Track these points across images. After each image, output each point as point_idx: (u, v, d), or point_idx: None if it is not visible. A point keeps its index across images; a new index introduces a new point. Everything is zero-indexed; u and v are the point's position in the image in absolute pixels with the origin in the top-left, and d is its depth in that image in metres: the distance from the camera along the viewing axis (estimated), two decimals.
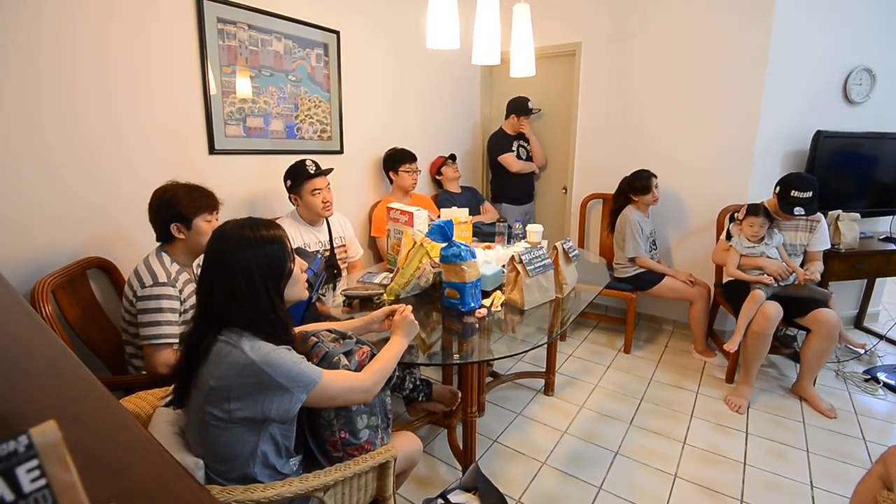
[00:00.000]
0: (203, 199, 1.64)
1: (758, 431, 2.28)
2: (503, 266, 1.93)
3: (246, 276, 1.07)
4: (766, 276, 2.48)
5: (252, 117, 2.37)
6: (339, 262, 2.30)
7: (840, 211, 2.85)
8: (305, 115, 2.60)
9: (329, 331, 1.35)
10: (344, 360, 1.21)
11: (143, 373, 1.58)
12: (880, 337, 3.23)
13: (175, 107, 2.02)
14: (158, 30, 1.93)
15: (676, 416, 2.38)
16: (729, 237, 2.64)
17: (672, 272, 2.94)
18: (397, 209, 2.14)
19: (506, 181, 3.51)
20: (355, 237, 2.46)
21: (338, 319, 1.68)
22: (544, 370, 2.52)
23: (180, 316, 1.56)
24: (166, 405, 1.16)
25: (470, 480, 1.55)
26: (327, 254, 2.26)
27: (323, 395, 1.10)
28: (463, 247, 1.71)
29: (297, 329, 1.34)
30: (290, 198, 2.24)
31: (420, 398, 2.08)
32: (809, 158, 2.86)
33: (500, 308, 1.74)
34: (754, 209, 2.50)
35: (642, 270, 2.93)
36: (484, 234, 2.69)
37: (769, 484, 1.94)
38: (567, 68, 3.50)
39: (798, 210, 2.41)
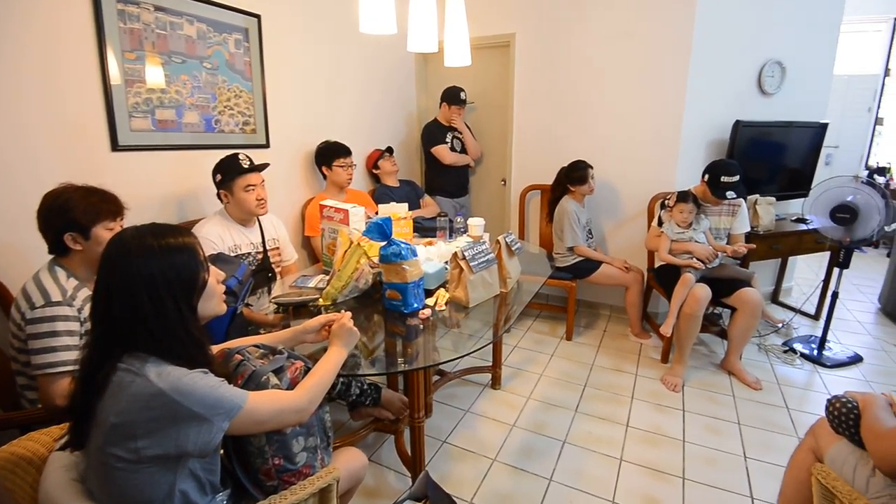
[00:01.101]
0: (103, 205, 1.43)
1: (694, 408, 2.38)
2: (446, 263, 1.86)
3: (150, 290, 0.92)
4: (695, 259, 2.59)
5: (162, 109, 2.13)
6: (272, 265, 2.13)
7: (757, 195, 3.05)
8: (225, 107, 2.39)
9: (256, 346, 1.22)
10: (274, 379, 1.09)
11: (40, 406, 1.37)
12: (795, 310, 3.51)
13: (70, 97, 1.76)
14: (48, 8, 1.67)
15: (618, 400, 2.44)
16: (660, 224, 2.73)
17: (608, 259, 3.02)
18: (331, 206, 2.01)
19: (439, 173, 3.44)
20: (288, 239, 2.29)
21: (275, 326, 1.54)
22: (490, 364, 2.50)
23: (81, 339, 1.36)
24: (61, 448, 1.00)
25: (420, 489, 1.48)
26: (260, 256, 2.08)
27: (250, 421, 0.98)
28: (403, 245, 1.62)
29: (218, 347, 1.21)
30: (218, 194, 2.04)
31: (368, 403, 1.98)
32: (729, 147, 3.03)
33: (444, 307, 1.68)
34: (683, 196, 2.61)
35: (581, 259, 2.99)
36: (425, 229, 2.61)
37: (707, 459, 2.03)
38: (502, 59, 3.48)
39: (731, 194, 2.54)
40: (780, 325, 3.19)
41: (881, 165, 5.46)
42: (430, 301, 1.71)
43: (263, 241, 2.10)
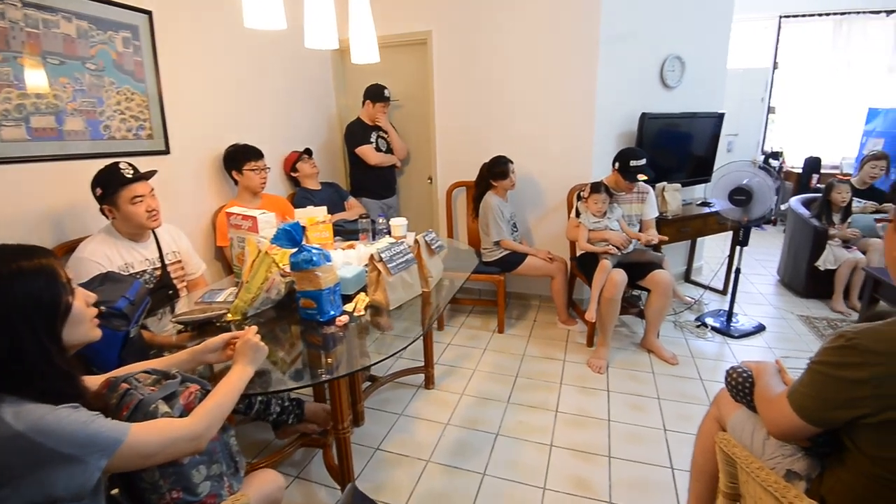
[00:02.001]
0: None
1: (617, 388, 2.50)
2: (366, 266, 1.81)
3: (3, 321, 0.82)
4: (611, 246, 2.71)
5: (39, 115, 1.91)
6: (174, 280, 1.97)
7: (665, 182, 3.24)
8: (114, 111, 2.18)
9: (148, 372, 1.11)
10: (164, 407, 1.00)
11: None
12: (705, 287, 3.78)
13: None
14: None
15: (548, 387, 2.50)
16: (578, 214, 2.84)
17: (533, 251, 3.10)
18: (238, 214, 1.89)
19: (365, 174, 3.37)
20: (193, 251, 2.13)
21: (182, 346, 1.42)
22: (423, 365, 2.47)
23: None
24: None
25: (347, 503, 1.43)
26: (158, 272, 1.92)
27: (134, 455, 0.89)
28: (315, 250, 1.55)
29: (106, 375, 1.09)
30: (102, 210, 1.85)
31: (290, 420, 1.89)
32: (638, 138, 3.19)
33: (363, 312, 1.63)
34: (596, 187, 2.72)
35: (507, 252, 3.04)
36: (347, 232, 2.54)
37: (631, 435, 2.13)
38: (421, 57, 3.45)
39: (641, 176, 2.67)
40: (689, 303, 3.42)
41: (775, 150, 6.02)
42: (348, 307, 1.65)
43: (161, 256, 1.93)
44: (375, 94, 3.25)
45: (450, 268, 2.34)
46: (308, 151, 3.10)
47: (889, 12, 5.60)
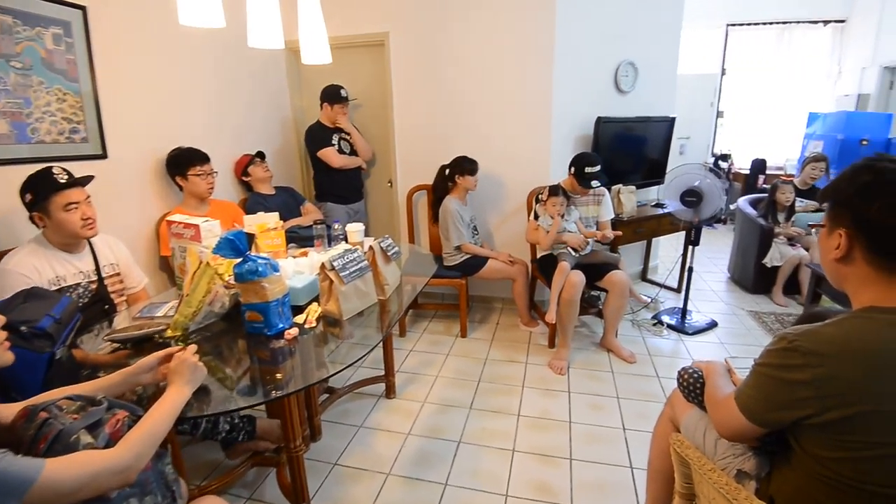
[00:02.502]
0: None
1: (578, 388, 2.52)
2: (318, 274, 1.74)
3: None
4: (569, 248, 2.75)
5: None
6: (112, 295, 1.84)
7: (620, 185, 3.31)
8: (44, 112, 2.03)
9: (71, 398, 1.02)
10: (86, 437, 0.91)
11: None
12: (661, 286, 3.88)
13: None
14: None
15: (511, 391, 2.50)
16: (536, 217, 2.85)
17: (494, 254, 3.09)
18: (179, 222, 1.79)
19: (329, 178, 3.28)
20: (134, 262, 1.99)
21: (122, 364, 1.31)
22: (383, 374, 2.42)
23: None
24: None
25: None
26: (94, 286, 1.79)
27: (51, 494, 0.81)
28: (261, 260, 1.48)
29: (23, 403, 0.99)
30: (31, 217, 1.70)
31: (241, 438, 1.80)
32: (594, 141, 3.25)
33: (315, 323, 1.56)
34: (554, 190, 2.74)
35: (468, 256, 3.02)
36: (302, 238, 2.45)
37: (591, 436, 2.14)
38: (378, 58, 3.40)
39: (595, 183, 2.71)
40: (646, 302, 3.51)
41: (724, 153, 6.28)
42: (299, 318, 1.59)
43: (98, 268, 1.80)
44: (332, 95, 3.17)
45: (411, 273, 2.31)
46: (260, 154, 2.99)
47: (826, 22, 5.95)
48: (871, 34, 5.46)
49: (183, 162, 2.39)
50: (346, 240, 2.21)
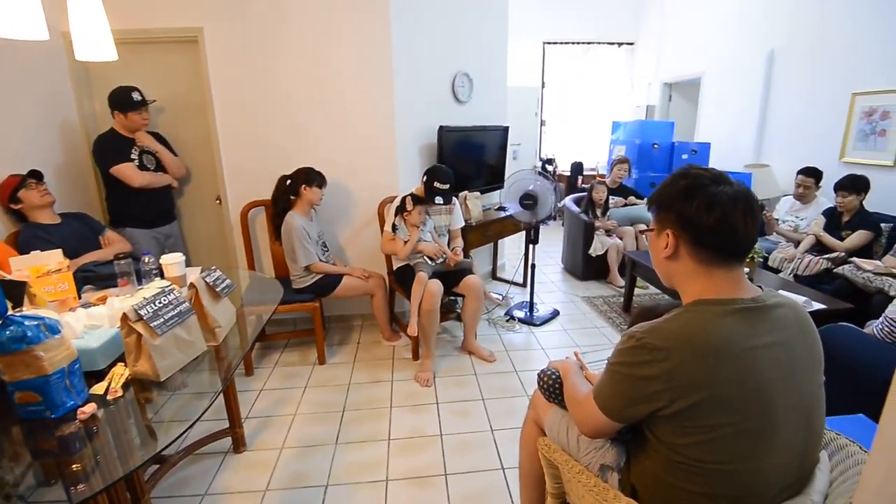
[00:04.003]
0: None
1: (445, 398, 2.50)
2: (121, 327, 1.38)
3: None
4: (425, 257, 2.72)
5: None
6: None
7: (466, 191, 3.41)
8: None
9: None
10: None
11: None
12: (510, 282, 4.13)
13: None
14: None
15: (379, 414, 2.36)
16: (394, 228, 2.77)
17: (348, 270, 2.92)
18: None
19: (129, 199, 2.71)
20: None
21: None
22: (228, 426, 2.07)
23: None
24: None
25: None
26: None
27: None
28: (30, 321, 1.10)
29: None
30: None
31: None
32: (438, 149, 3.28)
33: (122, 392, 1.22)
34: (417, 199, 2.70)
35: (320, 276, 2.79)
36: (102, 277, 1.96)
37: (462, 444, 2.13)
38: (193, 57, 2.94)
39: (438, 199, 2.73)
40: (499, 301, 3.70)
41: (549, 157, 7.01)
42: (98, 388, 1.23)
43: None
44: (122, 101, 2.60)
45: (255, 302, 2.03)
46: (35, 174, 2.33)
47: (620, 44, 7.07)
48: (654, 55, 6.63)
49: None
50: (161, 275, 1.83)
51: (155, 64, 2.96)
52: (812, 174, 3.51)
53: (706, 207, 0.94)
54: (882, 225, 3.09)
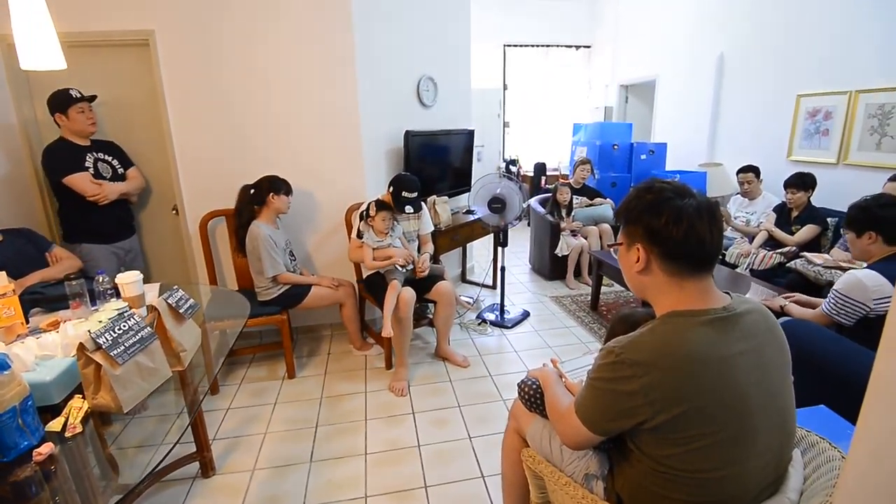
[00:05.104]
0: None
1: (421, 407, 2.47)
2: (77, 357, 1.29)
3: None
4: (396, 265, 2.69)
5: None
6: None
7: (434, 196, 3.39)
8: None
9: None
10: None
11: None
12: (480, 285, 4.14)
13: None
14: None
15: (354, 428, 2.31)
16: (360, 235, 2.71)
17: (315, 280, 2.84)
18: None
19: (84, 212, 2.54)
20: None
21: None
22: (195, 450, 1.97)
23: None
24: None
25: None
26: None
27: None
28: None
29: None
30: None
31: None
32: (405, 154, 3.25)
33: (81, 427, 1.14)
34: (381, 205, 2.65)
35: (287, 287, 2.71)
36: (51, 300, 1.83)
37: (441, 454, 2.11)
38: (143, 61, 2.79)
39: (408, 209, 2.69)
40: (470, 306, 3.70)
41: (513, 158, 7.08)
42: (55, 425, 1.14)
43: None
44: (61, 100, 2.44)
45: (218, 317, 1.95)
46: None
47: (577, 47, 7.20)
48: (609, 58, 6.80)
49: None
50: (118, 295, 1.72)
51: (104, 67, 2.79)
52: (750, 170, 3.74)
53: (674, 221, 0.96)
54: (828, 219, 3.29)
